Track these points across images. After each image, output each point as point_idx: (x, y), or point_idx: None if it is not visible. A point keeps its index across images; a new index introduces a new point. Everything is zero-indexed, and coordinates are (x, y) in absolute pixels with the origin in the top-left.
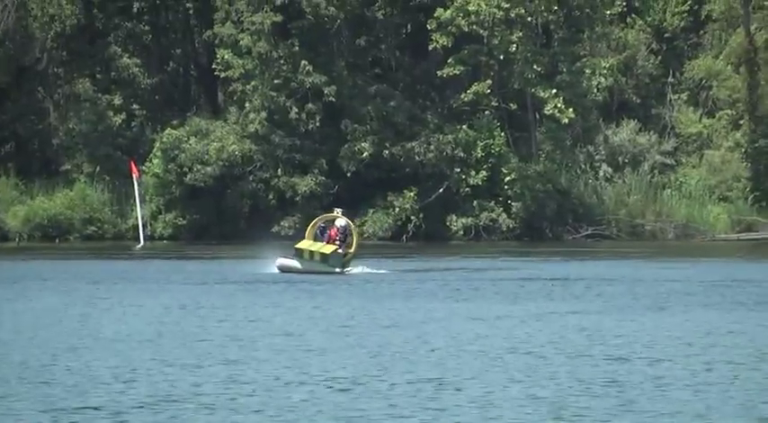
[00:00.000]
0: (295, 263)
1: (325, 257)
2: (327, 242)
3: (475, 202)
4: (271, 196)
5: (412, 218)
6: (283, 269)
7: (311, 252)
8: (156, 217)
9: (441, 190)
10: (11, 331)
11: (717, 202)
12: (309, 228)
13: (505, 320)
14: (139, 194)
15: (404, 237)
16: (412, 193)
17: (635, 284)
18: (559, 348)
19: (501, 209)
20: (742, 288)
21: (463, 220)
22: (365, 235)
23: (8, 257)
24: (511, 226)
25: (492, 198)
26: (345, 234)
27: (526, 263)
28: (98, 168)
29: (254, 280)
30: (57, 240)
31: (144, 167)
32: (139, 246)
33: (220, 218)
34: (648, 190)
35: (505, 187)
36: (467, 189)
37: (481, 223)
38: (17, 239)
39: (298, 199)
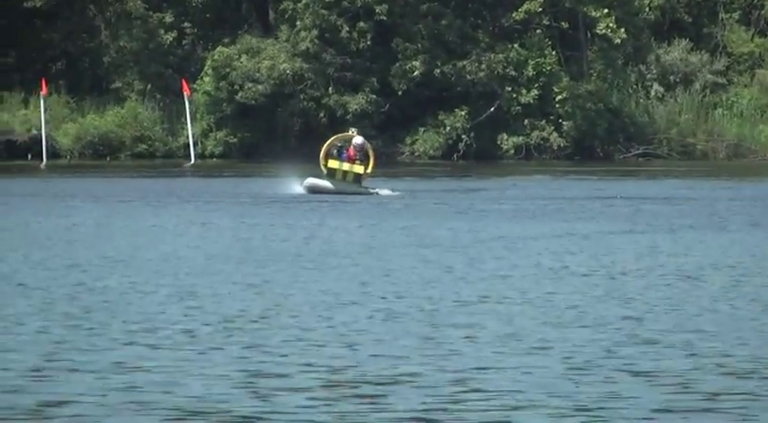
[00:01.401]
0: (326, 183)
1: (358, 177)
2: (348, 162)
3: (526, 121)
4: (321, 115)
5: (462, 137)
6: (313, 190)
7: (344, 172)
8: (207, 135)
9: (491, 109)
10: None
11: None
12: (324, 148)
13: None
14: (190, 113)
15: (454, 156)
16: (463, 112)
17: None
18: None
19: (552, 128)
20: None
21: (514, 140)
22: (416, 154)
23: (63, 175)
24: (562, 145)
25: (543, 117)
26: (363, 152)
27: (596, 182)
28: (149, 86)
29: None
30: (107, 158)
31: (195, 86)
32: (190, 164)
33: (271, 136)
34: (700, 109)
35: (556, 106)
36: (518, 108)
37: (532, 142)
38: (68, 157)
39: (348, 117)
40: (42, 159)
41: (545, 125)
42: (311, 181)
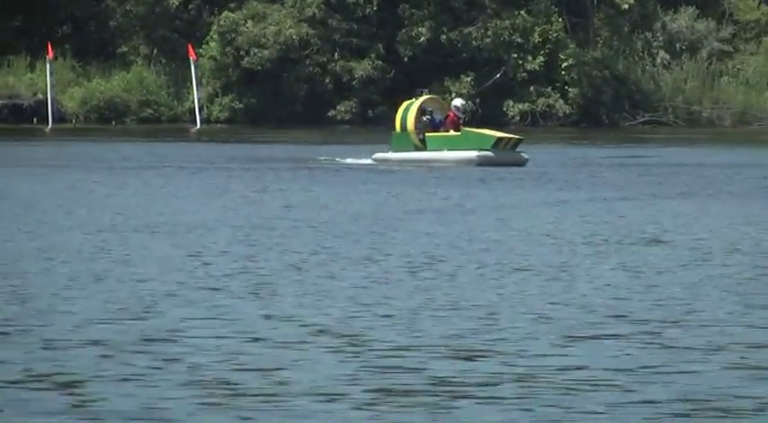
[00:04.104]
0: (489, 154)
1: (517, 143)
2: (451, 129)
3: (532, 88)
4: (327, 80)
5: (468, 103)
6: (485, 162)
7: (507, 140)
8: (213, 100)
9: (497, 75)
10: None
11: None
12: (413, 117)
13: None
14: (196, 77)
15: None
16: (469, 79)
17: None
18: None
19: (558, 95)
20: None
21: (520, 106)
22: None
23: (69, 138)
24: (567, 112)
25: (549, 84)
26: (464, 113)
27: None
28: (155, 51)
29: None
30: (113, 122)
31: (201, 50)
32: (196, 129)
33: (277, 102)
34: (706, 77)
35: (563, 73)
36: (524, 74)
37: (538, 109)
38: (74, 121)
39: (354, 83)
40: (48, 123)
41: (551, 92)
42: (483, 154)
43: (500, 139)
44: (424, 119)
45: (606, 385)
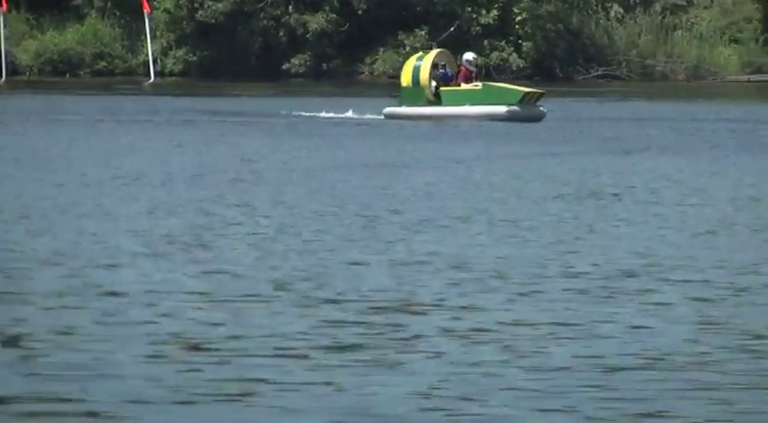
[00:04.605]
0: (516, 109)
1: (540, 97)
2: (465, 82)
3: (485, 42)
4: (281, 34)
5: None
6: (514, 117)
7: (532, 94)
8: (167, 53)
9: (452, 29)
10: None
11: (727, 43)
12: (427, 71)
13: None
14: (150, 30)
15: None
16: (423, 32)
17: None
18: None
19: (512, 49)
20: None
21: None
22: (375, 73)
23: (24, 91)
24: (521, 66)
25: (503, 37)
26: (476, 67)
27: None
28: (109, 4)
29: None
30: (67, 75)
31: (155, 3)
32: (150, 81)
33: (230, 55)
34: (659, 31)
35: (516, 27)
36: (477, 28)
37: (492, 63)
38: (27, 73)
39: (309, 36)
40: (1, 76)
41: (505, 46)
42: (510, 108)
43: (527, 93)
44: (438, 73)
45: (555, 339)
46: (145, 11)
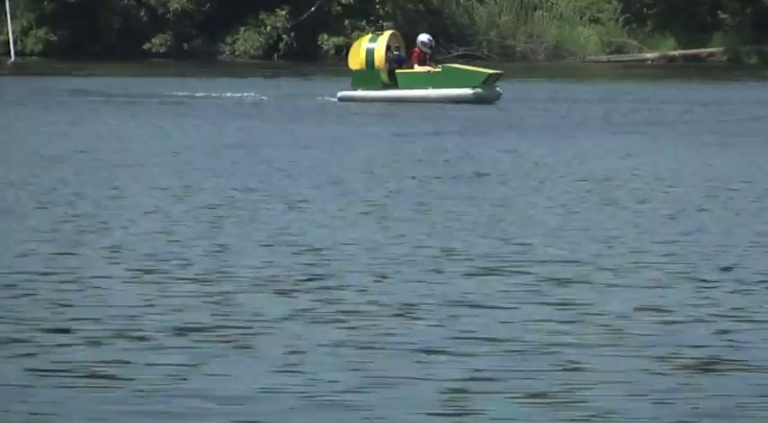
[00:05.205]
0: (481, 91)
1: (498, 78)
2: (419, 64)
3: (347, 22)
4: (142, 13)
5: (283, 37)
6: (479, 99)
7: (496, 75)
8: (27, 33)
9: (312, 9)
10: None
11: (587, 23)
12: (382, 53)
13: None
14: (10, 9)
15: (275, 55)
16: (283, 12)
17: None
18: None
19: (372, 28)
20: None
21: (334, 40)
22: (236, 53)
23: None
24: None
25: (364, 17)
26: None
27: None
28: None
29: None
30: None
31: None
32: (11, 61)
33: (92, 35)
34: (519, 11)
35: (377, 7)
36: (338, 8)
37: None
38: None
39: (169, 16)
40: None
41: (365, 26)
42: (478, 91)
43: (490, 75)
44: (391, 55)
45: (453, 317)
46: None
